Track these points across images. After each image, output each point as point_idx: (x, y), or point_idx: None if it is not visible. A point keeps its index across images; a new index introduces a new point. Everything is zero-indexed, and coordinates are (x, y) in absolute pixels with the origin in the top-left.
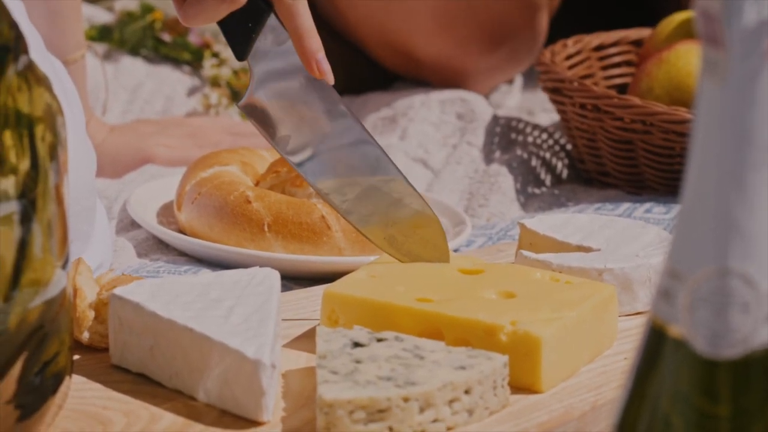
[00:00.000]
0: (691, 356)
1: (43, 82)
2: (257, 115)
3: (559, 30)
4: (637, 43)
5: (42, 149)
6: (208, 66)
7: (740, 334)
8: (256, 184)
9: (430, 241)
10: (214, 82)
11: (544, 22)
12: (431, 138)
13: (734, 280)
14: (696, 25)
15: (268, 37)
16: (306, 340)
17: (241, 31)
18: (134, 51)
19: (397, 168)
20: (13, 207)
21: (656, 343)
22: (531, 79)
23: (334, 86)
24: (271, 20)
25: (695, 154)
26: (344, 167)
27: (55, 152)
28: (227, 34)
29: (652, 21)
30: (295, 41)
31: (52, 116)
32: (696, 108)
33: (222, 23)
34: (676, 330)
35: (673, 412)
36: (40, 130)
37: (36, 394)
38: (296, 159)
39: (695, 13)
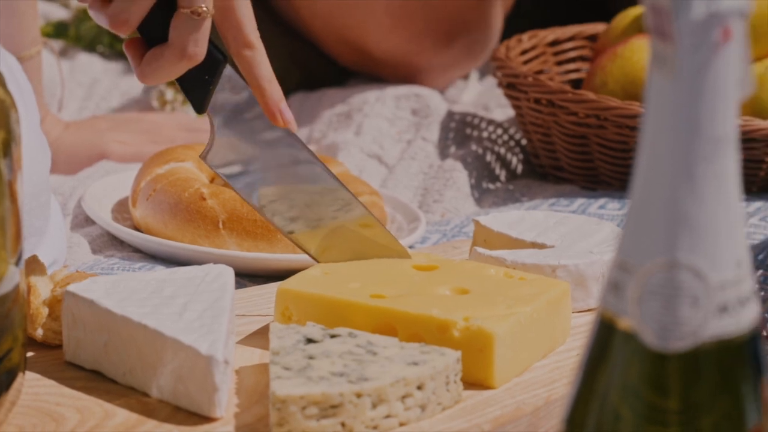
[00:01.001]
0: (641, 349)
1: None
2: (222, 166)
3: (515, 25)
4: (593, 38)
5: None
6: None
7: (689, 327)
8: (212, 180)
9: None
10: None
11: (498, 17)
12: (386, 134)
13: (683, 272)
14: (645, 18)
15: (226, 87)
16: (260, 337)
17: (198, 84)
18: (90, 47)
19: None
20: None
21: (606, 336)
22: (487, 74)
23: (293, 84)
24: (227, 70)
25: (645, 147)
26: (313, 213)
27: (8, 148)
28: (185, 89)
29: (607, 16)
30: (256, 92)
31: (5, 112)
32: (645, 101)
33: (179, 78)
34: (625, 323)
35: (623, 406)
36: None
37: None
38: (265, 206)
39: (644, 7)
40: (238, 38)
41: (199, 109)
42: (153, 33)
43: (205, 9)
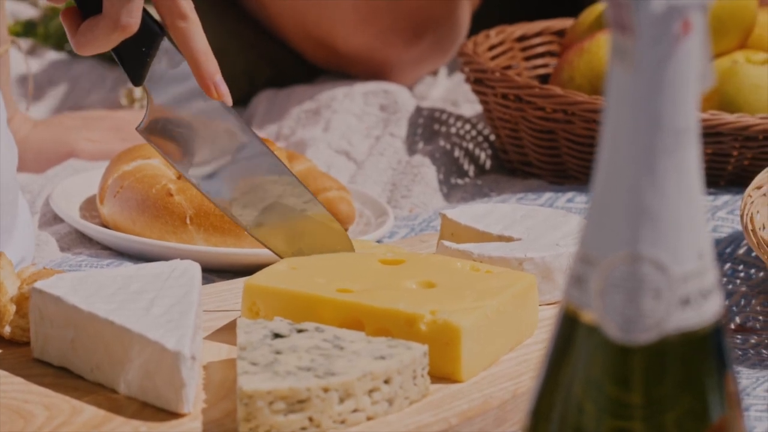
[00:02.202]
0: (604, 342)
1: None
2: (157, 138)
3: (483, 21)
4: (560, 33)
5: None
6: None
7: (652, 320)
8: (179, 177)
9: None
10: None
11: (466, 12)
12: (354, 129)
13: (645, 265)
14: (605, 11)
15: (163, 60)
16: (227, 332)
17: (135, 57)
18: (59, 46)
19: (293, 176)
20: None
21: (569, 329)
22: (456, 70)
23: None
24: (165, 43)
25: (606, 140)
26: (244, 181)
27: None
28: (122, 60)
29: (574, 11)
30: (191, 64)
31: None
32: (606, 94)
33: (116, 50)
34: (588, 315)
35: (586, 399)
36: None
37: None
38: (198, 179)
39: (605, 0)
40: (173, 9)
41: (136, 81)
42: (88, 3)
43: None
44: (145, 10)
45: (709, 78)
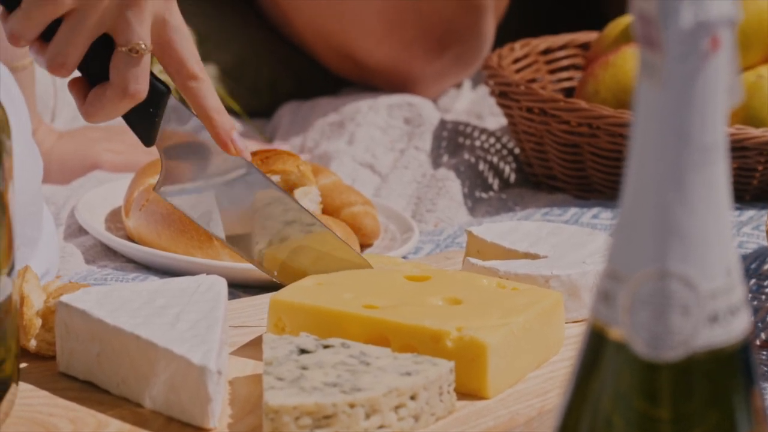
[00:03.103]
0: (632, 358)
1: None
2: (176, 197)
3: (507, 34)
4: (585, 46)
5: None
6: (157, 71)
7: (680, 337)
8: None
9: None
10: None
11: (491, 25)
12: (379, 143)
13: (674, 282)
14: (633, 27)
15: (172, 117)
16: (253, 348)
17: (144, 119)
18: None
19: (316, 219)
20: None
21: (597, 345)
22: (480, 83)
23: (286, 93)
24: (171, 101)
25: (634, 156)
26: (268, 231)
27: (1, 161)
28: (131, 124)
29: (599, 25)
30: (206, 123)
31: None
32: (634, 110)
33: (125, 114)
34: (616, 332)
35: (615, 414)
36: None
37: None
38: (222, 233)
39: (632, 15)
40: (182, 71)
41: (148, 142)
42: (94, 72)
43: (143, 46)
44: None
45: (737, 93)
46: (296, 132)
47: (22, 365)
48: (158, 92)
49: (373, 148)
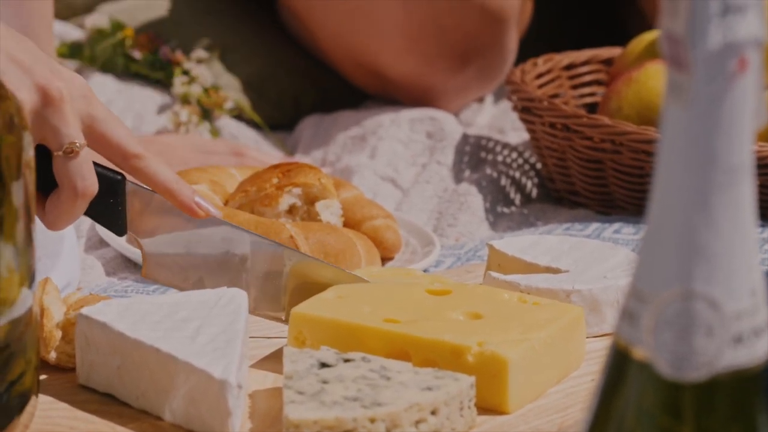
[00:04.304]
0: (655, 379)
1: (8, 99)
2: (164, 276)
3: (530, 49)
4: (608, 62)
5: (7, 168)
6: (179, 83)
7: (704, 357)
8: (225, 203)
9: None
10: (185, 100)
11: (513, 40)
12: (401, 157)
13: (698, 302)
14: (660, 46)
15: (135, 201)
16: (273, 361)
17: (107, 211)
18: (105, 68)
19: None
20: None
21: (620, 364)
22: (502, 97)
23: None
24: (129, 186)
25: (660, 176)
26: (260, 284)
27: (21, 171)
28: (97, 219)
29: (622, 40)
30: (166, 197)
31: (19, 135)
32: (661, 130)
33: (87, 213)
34: (640, 352)
35: (638, 430)
36: (5, 148)
37: (2, 414)
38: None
39: (660, 35)
40: (125, 155)
41: (119, 232)
42: (43, 183)
43: (77, 144)
44: (96, 164)
45: (764, 114)
46: (318, 145)
47: (42, 377)
48: (113, 182)
49: (395, 162)
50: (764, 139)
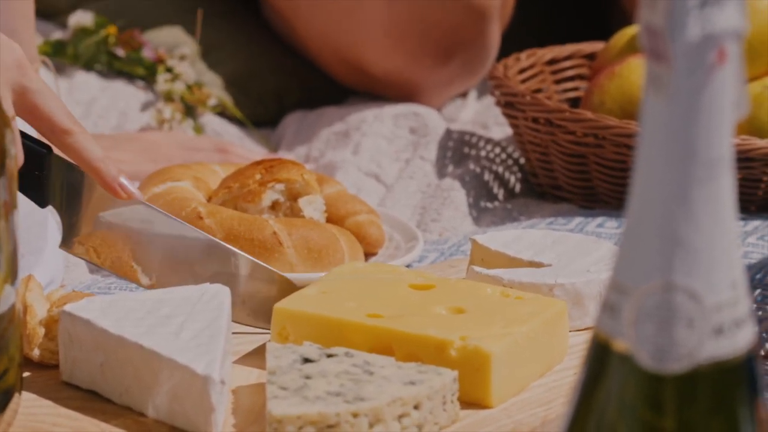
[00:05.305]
0: (636, 370)
1: None
2: (84, 251)
3: (513, 43)
4: (591, 56)
5: None
6: (162, 81)
7: (685, 349)
8: (209, 199)
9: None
10: (168, 97)
11: (495, 34)
12: (384, 152)
13: (679, 294)
14: (640, 39)
15: (59, 175)
16: (256, 357)
17: (32, 183)
18: (88, 66)
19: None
20: None
21: (601, 357)
22: (485, 92)
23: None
24: (55, 160)
25: (640, 169)
26: (189, 268)
27: (3, 167)
28: (22, 190)
29: (605, 35)
30: (92, 174)
31: (0, 132)
32: (640, 122)
33: None
34: (621, 344)
35: (619, 425)
36: None
37: None
38: (147, 281)
39: (639, 28)
40: (55, 130)
41: (41, 204)
42: None
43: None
44: (24, 134)
45: (743, 106)
46: (301, 141)
47: (25, 374)
48: (38, 155)
49: (378, 158)
50: (747, 133)
